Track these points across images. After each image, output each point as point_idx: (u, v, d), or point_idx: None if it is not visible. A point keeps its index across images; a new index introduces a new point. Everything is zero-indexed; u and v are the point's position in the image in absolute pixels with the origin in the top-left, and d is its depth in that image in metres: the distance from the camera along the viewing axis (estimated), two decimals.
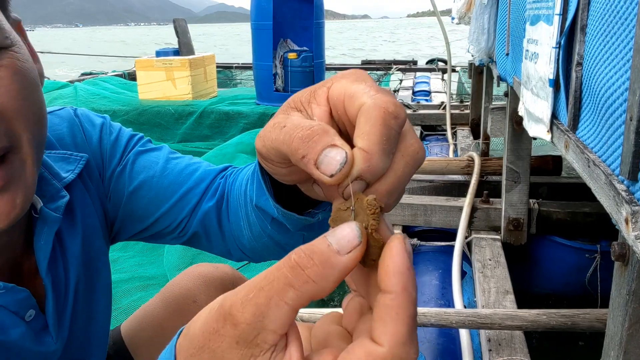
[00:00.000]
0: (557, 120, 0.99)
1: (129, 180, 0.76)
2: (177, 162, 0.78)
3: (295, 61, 5.57)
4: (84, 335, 0.72)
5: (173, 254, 2.43)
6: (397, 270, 0.26)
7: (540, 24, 1.04)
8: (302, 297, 0.26)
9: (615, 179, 0.67)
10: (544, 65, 0.99)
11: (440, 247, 2.41)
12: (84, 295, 0.72)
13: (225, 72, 9.01)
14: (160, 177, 0.76)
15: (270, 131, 0.36)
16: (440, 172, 2.84)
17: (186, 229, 0.77)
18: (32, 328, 0.63)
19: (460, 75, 7.43)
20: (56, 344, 0.66)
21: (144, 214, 0.77)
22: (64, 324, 0.68)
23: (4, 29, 0.53)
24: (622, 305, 0.80)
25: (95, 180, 0.75)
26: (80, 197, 0.72)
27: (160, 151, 0.79)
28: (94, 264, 0.74)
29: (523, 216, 2.27)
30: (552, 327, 1.49)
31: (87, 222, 0.73)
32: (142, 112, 5.30)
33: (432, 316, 1.55)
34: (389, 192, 0.32)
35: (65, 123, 0.74)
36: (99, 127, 0.77)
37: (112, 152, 0.76)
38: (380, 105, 0.31)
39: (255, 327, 0.26)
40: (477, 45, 2.39)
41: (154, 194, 0.76)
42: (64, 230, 0.69)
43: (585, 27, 0.83)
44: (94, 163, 0.75)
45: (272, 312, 0.26)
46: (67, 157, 0.71)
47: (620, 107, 0.66)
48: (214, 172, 0.78)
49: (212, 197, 0.76)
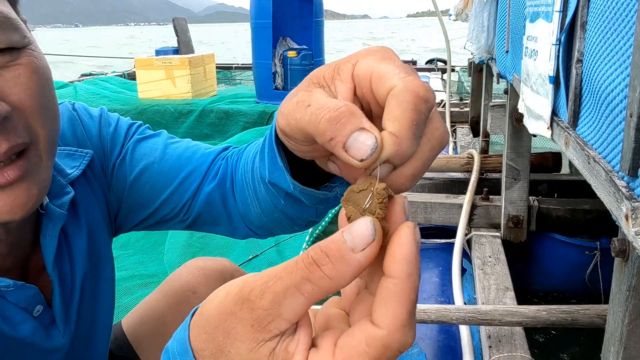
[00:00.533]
0: (557, 117, 0.99)
1: (129, 168, 0.76)
2: (176, 146, 0.79)
3: (295, 59, 5.57)
4: (89, 330, 0.73)
5: (173, 252, 2.44)
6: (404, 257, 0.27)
7: (540, 21, 1.04)
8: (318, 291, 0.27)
9: (616, 175, 0.67)
10: (544, 62, 0.99)
11: (440, 244, 2.41)
12: (90, 289, 0.72)
13: (224, 73, 9.00)
14: (160, 163, 0.76)
15: (294, 110, 0.34)
16: (440, 169, 2.85)
17: (189, 212, 0.78)
18: (40, 323, 0.64)
19: (459, 74, 7.45)
20: (64, 338, 0.67)
21: (147, 201, 0.77)
22: (71, 319, 0.69)
23: (21, 28, 0.54)
24: (622, 301, 0.80)
25: (98, 174, 0.75)
26: (84, 192, 0.73)
27: (159, 137, 0.80)
28: (98, 258, 0.75)
29: (523, 213, 2.28)
30: (552, 323, 1.49)
31: (91, 217, 0.73)
32: (142, 111, 5.30)
33: (432, 313, 1.55)
34: (414, 175, 0.32)
35: (65, 119, 0.74)
36: (97, 119, 0.77)
37: (112, 144, 0.77)
38: (412, 89, 0.30)
39: (271, 313, 0.27)
40: (477, 43, 2.39)
41: (155, 180, 0.76)
42: (69, 226, 0.70)
43: (586, 23, 0.83)
44: (96, 157, 0.75)
45: (288, 302, 0.27)
46: (72, 153, 0.71)
47: (620, 104, 0.67)
48: (213, 153, 0.79)
49: (214, 179, 0.76)
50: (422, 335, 1.73)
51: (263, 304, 0.27)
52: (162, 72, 5.73)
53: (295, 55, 5.57)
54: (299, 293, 0.27)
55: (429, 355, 1.62)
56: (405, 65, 0.33)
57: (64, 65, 13.92)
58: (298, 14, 5.89)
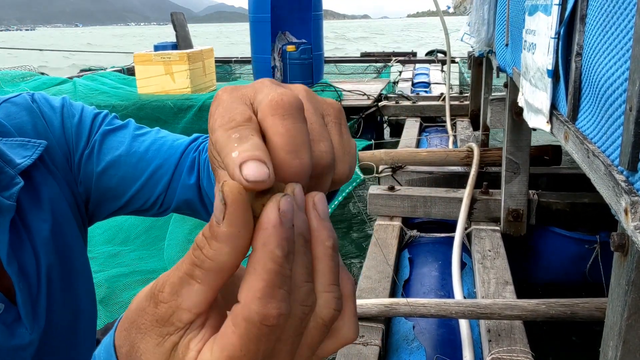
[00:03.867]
0: (557, 111, 0.99)
1: (97, 161, 0.75)
2: (144, 138, 0.77)
3: (294, 54, 5.56)
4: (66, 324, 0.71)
5: (173, 248, 2.44)
6: (259, 227, 0.26)
7: (538, 14, 1.04)
8: (207, 274, 0.26)
9: (615, 169, 0.67)
10: (542, 56, 0.99)
11: (439, 238, 2.41)
12: (61, 281, 0.70)
13: (224, 67, 8.98)
14: (127, 156, 0.75)
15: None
16: (439, 163, 2.84)
17: (165, 204, 0.76)
18: (3, 322, 0.62)
19: (460, 66, 7.42)
20: (31, 335, 0.64)
21: (116, 194, 0.76)
22: (40, 313, 0.66)
23: None
24: (621, 296, 0.80)
25: (61, 164, 0.74)
26: (44, 181, 0.71)
27: (127, 129, 0.78)
28: (68, 249, 0.73)
29: (523, 207, 2.28)
30: (552, 316, 1.50)
31: (55, 207, 0.71)
32: (141, 106, 5.30)
33: (432, 307, 1.56)
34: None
35: (24, 111, 0.72)
36: (59, 110, 0.75)
37: (77, 135, 0.75)
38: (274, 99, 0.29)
39: (171, 305, 0.27)
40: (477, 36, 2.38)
41: (123, 173, 0.75)
42: (30, 215, 0.68)
43: (585, 17, 0.82)
44: (58, 148, 0.73)
45: (185, 291, 0.27)
46: (25, 143, 0.69)
47: (619, 98, 0.66)
48: (182, 144, 0.77)
49: (190, 173, 0.75)
50: (422, 330, 1.73)
51: (164, 297, 0.27)
52: (160, 68, 5.71)
53: (294, 49, 5.55)
54: (192, 280, 0.26)
55: (428, 349, 1.63)
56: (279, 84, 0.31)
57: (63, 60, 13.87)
58: (297, 7, 5.87)
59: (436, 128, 4.59)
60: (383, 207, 2.52)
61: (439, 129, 4.52)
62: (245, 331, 0.25)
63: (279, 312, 0.25)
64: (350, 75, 8.40)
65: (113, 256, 2.58)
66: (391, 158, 2.85)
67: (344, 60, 9.43)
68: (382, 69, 8.51)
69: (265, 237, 0.26)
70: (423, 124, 4.64)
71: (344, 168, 0.33)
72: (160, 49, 5.94)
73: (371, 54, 9.80)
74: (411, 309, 1.58)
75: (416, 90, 6.18)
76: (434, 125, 4.71)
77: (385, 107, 4.98)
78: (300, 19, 5.89)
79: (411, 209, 2.51)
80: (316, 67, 5.67)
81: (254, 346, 0.25)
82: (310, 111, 0.32)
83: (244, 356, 0.25)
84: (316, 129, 0.31)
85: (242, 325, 0.25)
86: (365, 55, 9.70)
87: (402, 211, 2.51)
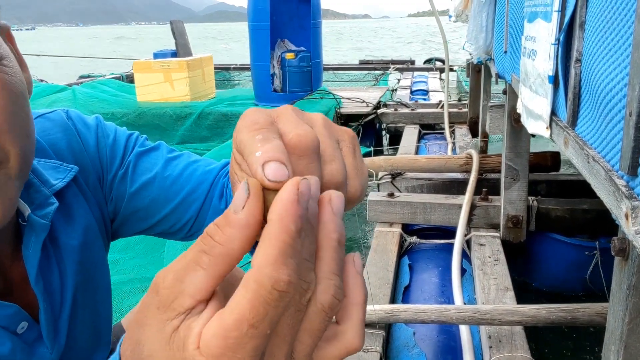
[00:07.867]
0: (556, 116, 0.99)
1: (130, 182, 0.76)
2: (177, 162, 0.79)
3: (293, 61, 5.58)
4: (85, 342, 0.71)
5: (174, 255, 2.44)
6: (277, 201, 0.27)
7: (538, 21, 1.05)
8: (215, 261, 0.27)
9: (615, 174, 0.67)
10: (543, 62, 1.00)
11: (439, 244, 2.41)
12: (84, 299, 0.71)
13: (223, 73, 9.01)
14: (161, 178, 0.76)
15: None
16: (439, 170, 2.85)
17: (194, 229, 0.77)
18: (25, 340, 0.62)
19: (458, 73, 7.45)
20: (52, 354, 0.64)
21: (146, 214, 0.77)
22: (61, 332, 0.66)
23: None
24: (622, 300, 0.80)
25: (93, 184, 0.74)
26: (76, 201, 0.71)
27: (159, 151, 0.79)
28: (93, 267, 0.73)
29: (522, 213, 2.28)
30: (552, 322, 1.50)
31: (85, 226, 0.72)
32: (141, 114, 5.31)
33: (432, 313, 1.56)
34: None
35: (58, 127, 0.72)
36: (94, 129, 0.75)
37: (112, 155, 0.76)
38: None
39: (174, 291, 0.28)
40: (476, 43, 2.40)
41: (156, 195, 0.76)
42: (62, 235, 0.68)
43: (584, 23, 0.83)
44: (92, 167, 0.74)
45: (188, 277, 0.27)
46: (57, 166, 0.70)
47: (619, 103, 0.67)
48: (214, 170, 0.79)
49: (221, 198, 0.76)
50: (423, 336, 1.73)
51: (166, 284, 0.28)
52: (160, 75, 5.73)
53: (293, 57, 5.57)
54: (198, 266, 0.27)
55: (429, 355, 1.62)
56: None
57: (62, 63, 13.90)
58: (296, 15, 5.90)
59: (435, 135, 4.60)
60: (383, 214, 2.53)
61: (438, 136, 4.54)
62: (256, 294, 0.26)
63: (289, 279, 0.26)
64: (349, 82, 8.44)
65: (112, 263, 2.56)
66: (390, 165, 2.86)
67: (343, 68, 9.47)
68: (381, 76, 8.55)
69: (283, 212, 0.27)
70: (422, 131, 4.65)
71: (355, 187, 0.36)
72: (160, 56, 5.96)
73: (370, 62, 9.85)
74: (411, 315, 1.58)
75: (415, 97, 6.20)
76: (432, 132, 4.72)
77: (384, 114, 5.00)
78: (299, 27, 5.92)
79: (411, 216, 2.51)
80: (315, 74, 5.69)
81: (263, 309, 0.26)
82: (326, 136, 0.35)
83: (252, 319, 0.26)
84: (329, 151, 0.34)
85: (253, 288, 0.26)
86: (364, 63, 9.75)
87: (402, 217, 2.52)
